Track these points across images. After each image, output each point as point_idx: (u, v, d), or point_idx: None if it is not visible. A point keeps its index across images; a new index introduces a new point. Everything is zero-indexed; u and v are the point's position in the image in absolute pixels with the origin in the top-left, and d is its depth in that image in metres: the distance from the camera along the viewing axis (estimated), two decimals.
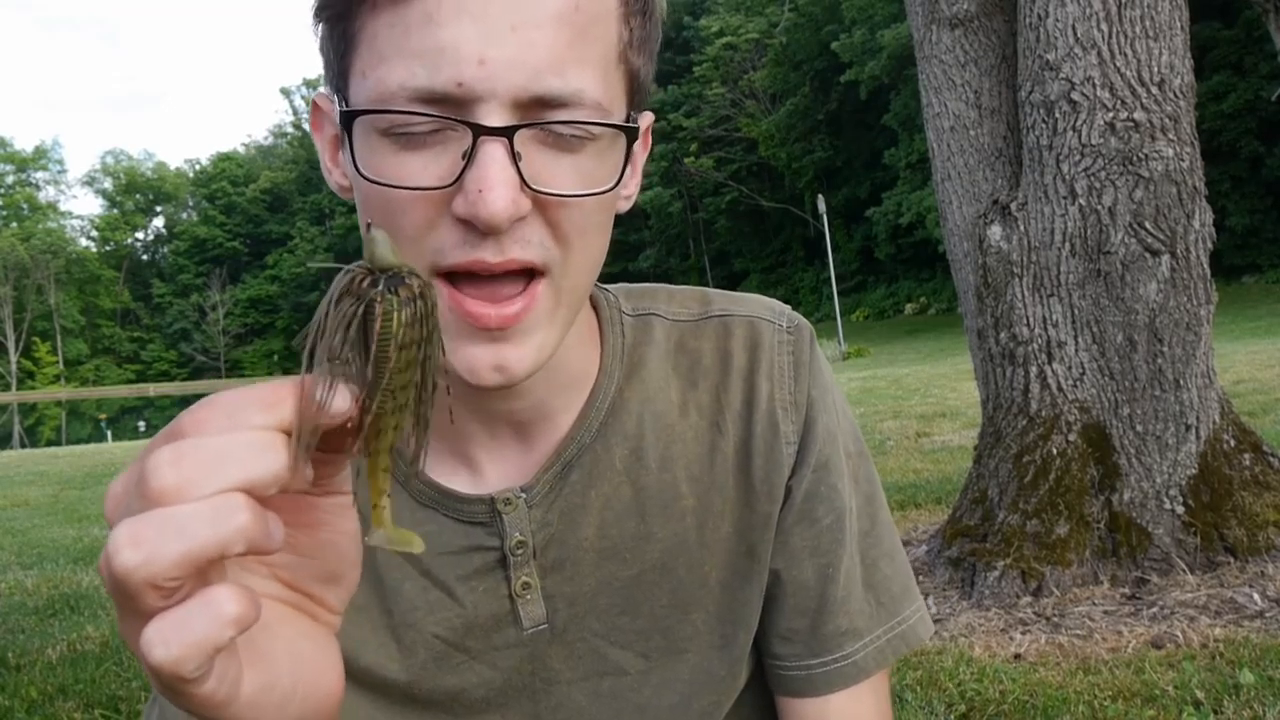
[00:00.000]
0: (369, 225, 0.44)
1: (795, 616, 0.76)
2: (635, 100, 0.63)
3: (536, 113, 0.56)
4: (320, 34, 0.61)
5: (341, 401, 0.40)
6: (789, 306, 0.81)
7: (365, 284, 0.41)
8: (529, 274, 0.59)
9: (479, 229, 0.56)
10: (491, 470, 0.72)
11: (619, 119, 0.60)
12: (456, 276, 0.59)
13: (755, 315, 0.78)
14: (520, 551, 0.71)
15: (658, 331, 0.77)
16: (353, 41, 0.58)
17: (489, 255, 0.57)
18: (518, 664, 0.72)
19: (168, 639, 0.37)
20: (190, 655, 0.37)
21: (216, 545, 0.37)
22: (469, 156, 0.55)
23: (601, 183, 0.60)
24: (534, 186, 0.56)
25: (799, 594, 0.76)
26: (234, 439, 0.39)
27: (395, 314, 0.41)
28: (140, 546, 0.37)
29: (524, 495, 0.71)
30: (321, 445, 0.42)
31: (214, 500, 0.38)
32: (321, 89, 0.66)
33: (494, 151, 0.55)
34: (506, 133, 0.55)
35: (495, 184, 0.54)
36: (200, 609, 0.38)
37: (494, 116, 0.55)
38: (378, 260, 0.41)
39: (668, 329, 0.77)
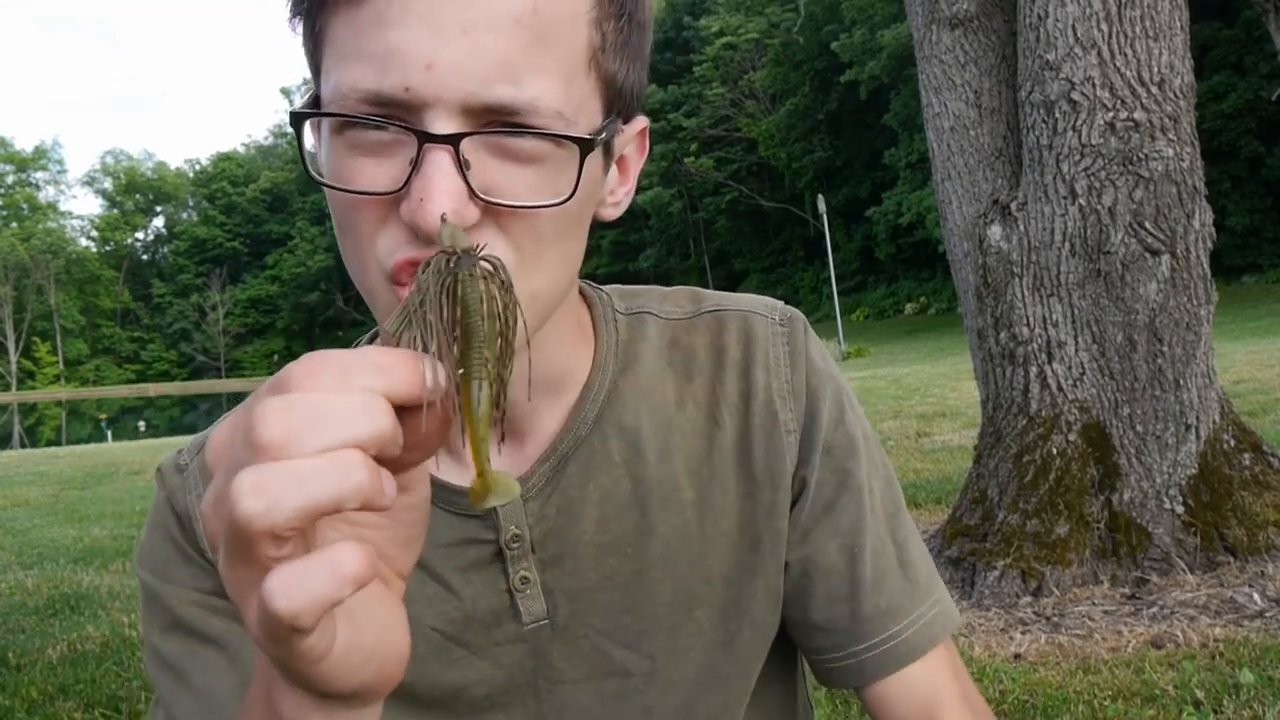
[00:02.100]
0: (443, 217, 0.48)
1: (830, 605, 0.76)
2: (617, 106, 0.62)
3: (496, 119, 0.55)
4: (299, 31, 0.61)
5: (442, 375, 0.42)
6: (781, 301, 0.81)
7: (449, 264, 0.44)
8: None
9: (428, 237, 0.56)
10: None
11: (587, 128, 0.59)
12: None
13: (748, 310, 0.78)
14: (516, 545, 0.71)
15: (651, 329, 0.78)
16: (320, 40, 0.58)
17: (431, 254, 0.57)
18: (519, 660, 0.72)
19: (290, 590, 0.38)
20: (309, 609, 0.38)
21: (335, 499, 0.38)
22: (415, 163, 0.54)
23: (559, 193, 0.58)
24: (483, 196, 0.55)
25: (829, 580, 0.76)
26: (345, 399, 0.40)
27: (481, 282, 0.44)
28: (262, 495, 0.38)
29: (519, 488, 0.70)
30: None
31: (333, 455, 0.39)
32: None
33: (439, 160, 0.54)
34: (451, 140, 0.54)
35: (436, 194, 0.53)
36: (323, 564, 0.39)
37: (442, 122, 0.54)
38: (457, 243, 0.45)
39: (661, 326, 0.78)
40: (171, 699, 0.72)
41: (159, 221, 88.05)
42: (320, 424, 0.39)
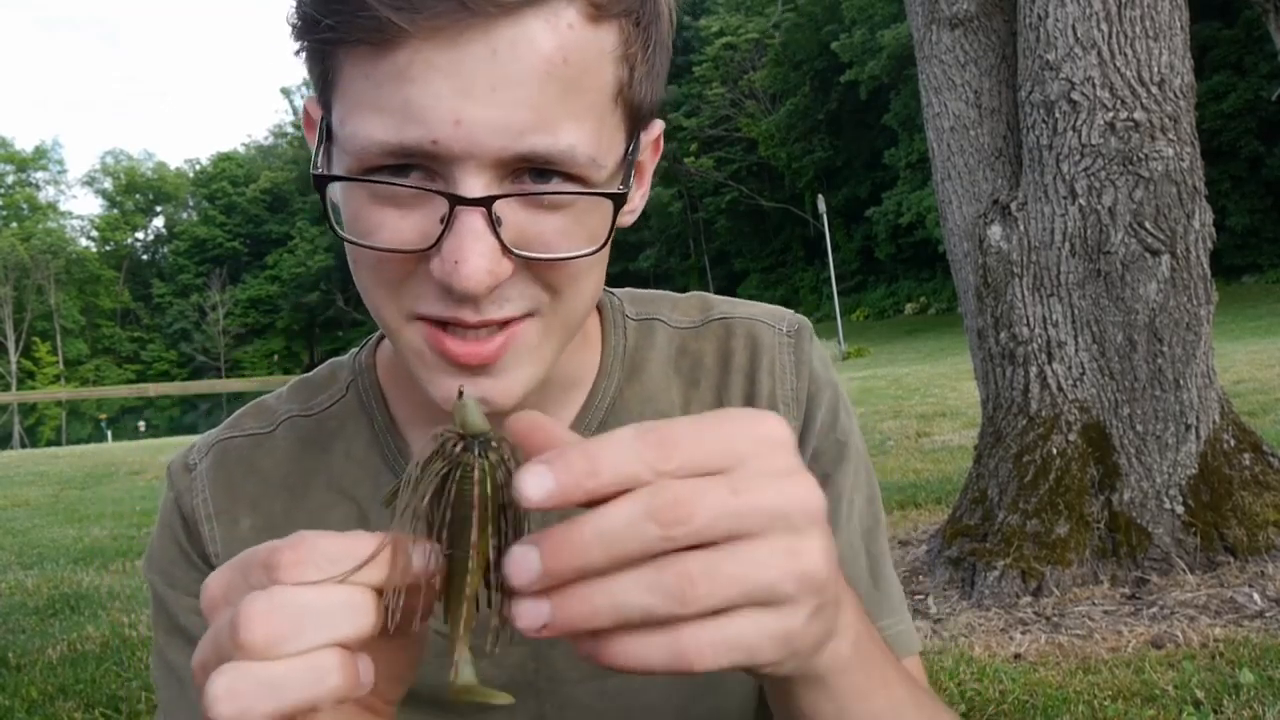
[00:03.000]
0: (460, 390, 0.45)
1: None
2: (640, 127, 0.62)
3: (521, 172, 0.54)
4: (307, 52, 0.59)
5: (429, 562, 0.42)
6: (790, 310, 0.81)
7: (456, 448, 0.42)
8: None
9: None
10: None
11: (613, 165, 0.58)
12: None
13: (756, 318, 0.79)
14: None
15: (660, 336, 0.78)
16: (331, 81, 0.56)
17: (467, 315, 0.56)
18: (521, 661, 0.72)
19: None
20: None
21: (309, 703, 0.40)
22: (446, 223, 0.53)
23: (589, 240, 0.57)
24: (516, 251, 0.55)
25: None
26: (328, 596, 0.41)
27: (487, 478, 0.42)
28: (236, 700, 0.39)
29: None
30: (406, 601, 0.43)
31: (309, 658, 0.40)
32: (311, 95, 0.64)
33: (471, 222, 0.53)
34: (484, 203, 0.53)
35: (470, 256, 0.53)
36: None
37: (471, 178, 0.53)
38: (468, 426, 0.43)
39: (670, 334, 0.78)
40: (172, 707, 0.74)
41: (159, 221, 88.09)
42: (302, 625, 0.40)
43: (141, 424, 34.06)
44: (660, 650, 0.39)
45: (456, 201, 0.53)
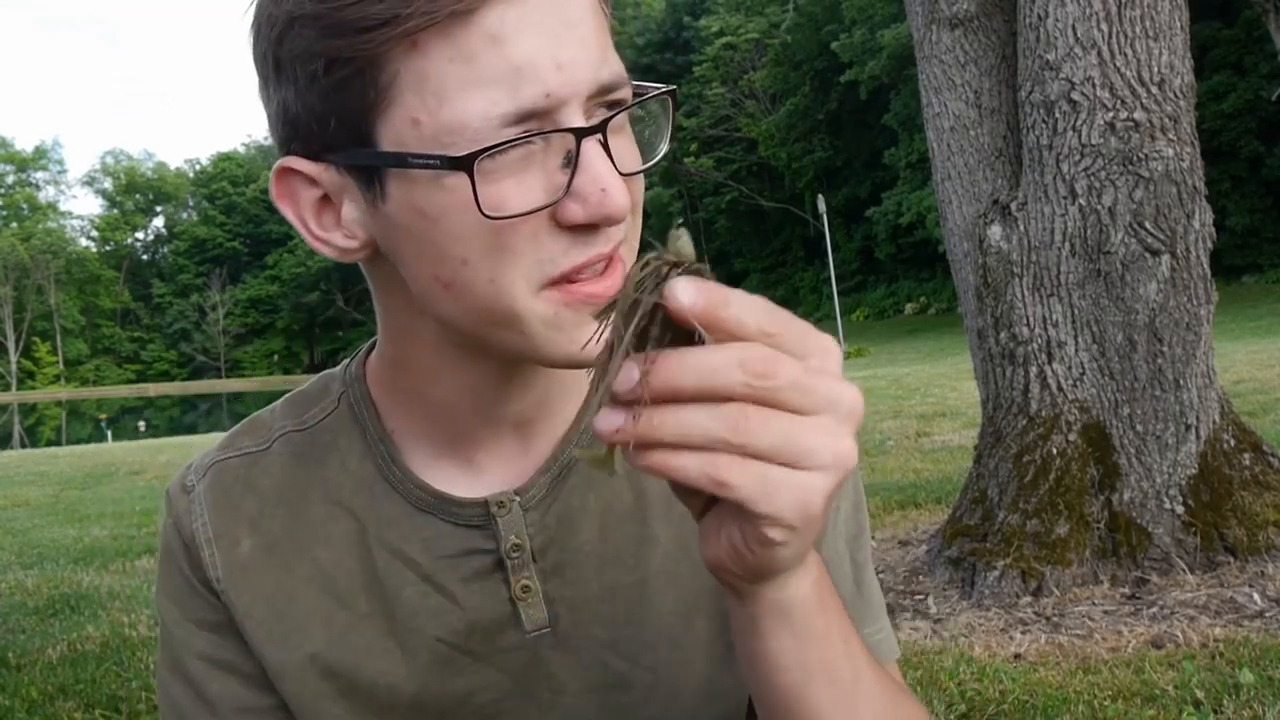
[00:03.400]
0: (679, 224, 0.50)
1: None
2: None
3: (600, 99, 0.58)
4: (316, 91, 0.57)
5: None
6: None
7: (668, 271, 0.47)
8: None
9: (588, 229, 0.58)
10: (490, 472, 0.72)
11: None
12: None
13: None
14: (517, 554, 0.71)
15: None
16: (386, 89, 0.55)
17: (602, 248, 0.59)
18: (523, 669, 0.72)
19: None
20: None
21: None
22: (575, 162, 0.56)
23: (653, 149, 0.64)
24: (624, 171, 0.59)
25: None
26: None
27: (659, 281, 0.47)
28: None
29: (518, 499, 0.70)
30: None
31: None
32: (290, 158, 0.61)
33: (597, 150, 0.57)
34: (600, 130, 0.57)
35: (612, 179, 0.57)
36: None
37: (576, 114, 0.56)
38: (681, 253, 0.48)
39: None
40: None
41: (159, 221, 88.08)
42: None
43: (141, 424, 34.05)
44: (698, 465, 0.45)
45: (581, 134, 0.56)
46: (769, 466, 0.46)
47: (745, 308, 0.46)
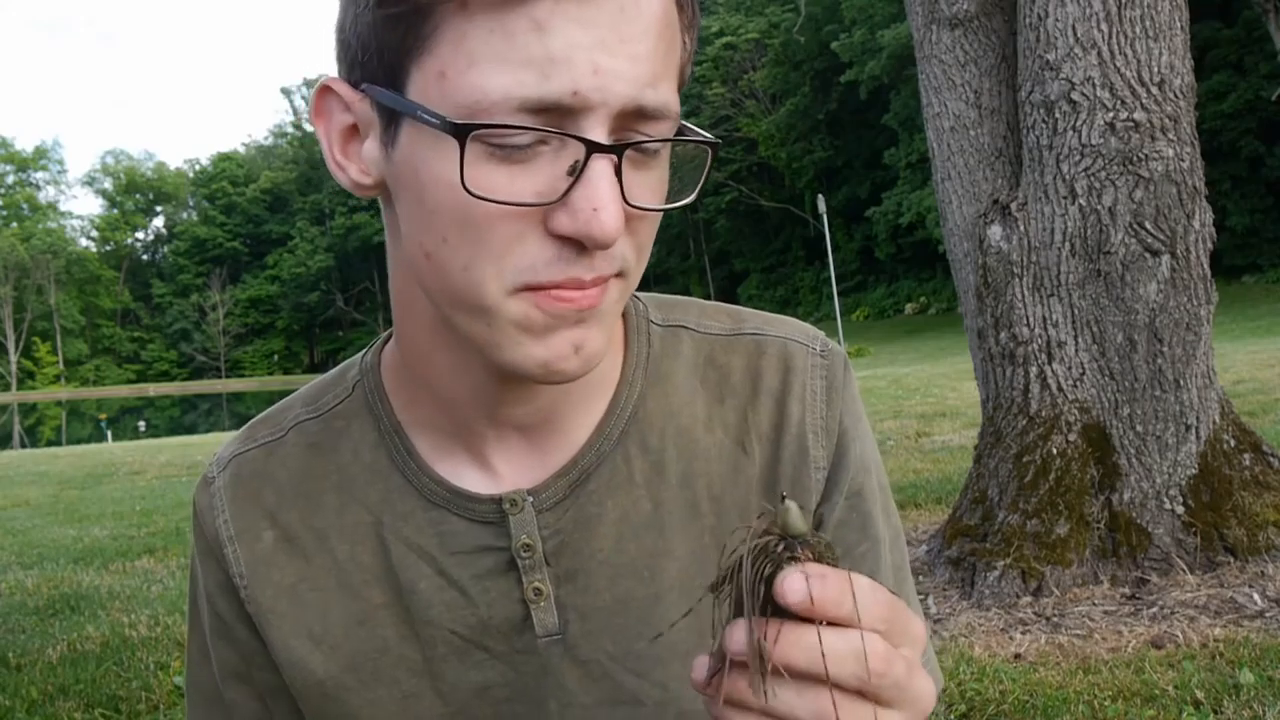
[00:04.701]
0: (784, 496, 0.47)
1: None
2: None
3: (633, 124, 0.56)
4: (367, 21, 0.57)
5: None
6: (823, 333, 0.79)
7: (780, 548, 0.45)
8: None
9: (576, 247, 0.56)
10: (504, 472, 0.72)
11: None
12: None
13: (789, 337, 0.77)
14: (528, 555, 0.70)
15: (686, 344, 0.76)
16: (426, 39, 0.55)
17: (583, 273, 0.57)
18: (534, 675, 0.72)
19: None
20: None
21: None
22: (579, 173, 0.54)
23: (665, 192, 0.61)
24: (631, 203, 0.56)
25: None
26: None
27: (768, 562, 0.45)
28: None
29: (531, 499, 0.70)
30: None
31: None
32: (331, 75, 0.62)
33: (605, 169, 0.54)
34: (618, 151, 0.55)
35: (609, 203, 0.54)
36: None
37: (599, 128, 0.54)
38: (790, 528, 0.46)
39: (697, 342, 0.76)
40: None
41: (159, 221, 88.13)
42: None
43: (141, 424, 34.05)
44: None
45: (594, 149, 0.54)
46: None
47: (863, 601, 0.45)
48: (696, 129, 0.62)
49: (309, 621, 0.72)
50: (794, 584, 0.43)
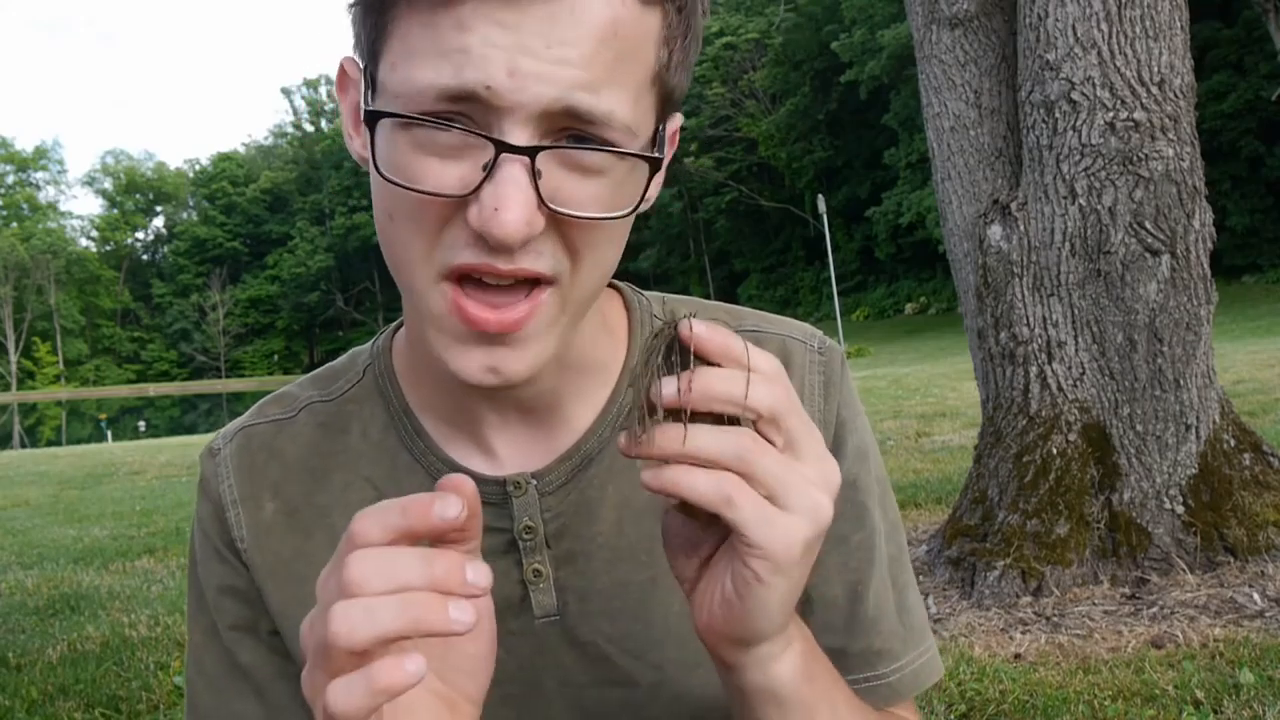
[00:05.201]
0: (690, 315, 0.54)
1: (823, 634, 0.75)
2: (667, 114, 0.63)
3: (564, 126, 0.56)
4: (353, 12, 0.61)
5: (453, 507, 0.51)
6: (820, 330, 0.81)
7: (664, 330, 0.52)
8: (534, 281, 0.60)
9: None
10: (506, 454, 0.73)
11: (645, 140, 0.60)
12: (464, 279, 0.59)
13: (787, 334, 0.79)
14: (529, 537, 0.71)
15: None
16: (385, 31, 0.58)
17: (500, 263, 0.57)
18: (531, 654, 0.73)
19: (339, 695, 0.49)
20: (354, 712, 0.49)
21: (400, 631, 0.49)
22: (489, 170, 0.55)
23: (621, 205, 0.60)
24: (551, 205, 0.56)
25: (827, 611, 0.76)
26: (396, 550, 0.51)
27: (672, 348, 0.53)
28: (344, 622, 0.49)
29: (535, 482, 0.72)
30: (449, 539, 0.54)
31: (403, 596, 0.49)
32: (349, 55, 0.65)
33: (513, 171, 0.55)
34: (529, 153, 0.55)
35: (511, 204, 0.54)
36: (363, 676, 0.49)
37: (519, 129, 0.55)
38: (673, 314, 0.54)
39: None
40: (205, 711, 0.77)
41: (159, 221, 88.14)
42: (385, 571, 0.50)
43: (141, 424, 34.06)
44: (710, 482, 0.51)
45: (503, 148, 0.54)
46: (763, 501, 0.52)
47: (756, 353, 0.53)
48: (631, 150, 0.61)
49: (305, 596, 0.72)
50: (693, 323, 0.51)
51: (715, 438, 0.51)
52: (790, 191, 48.54)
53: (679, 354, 0.51)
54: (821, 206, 27.75)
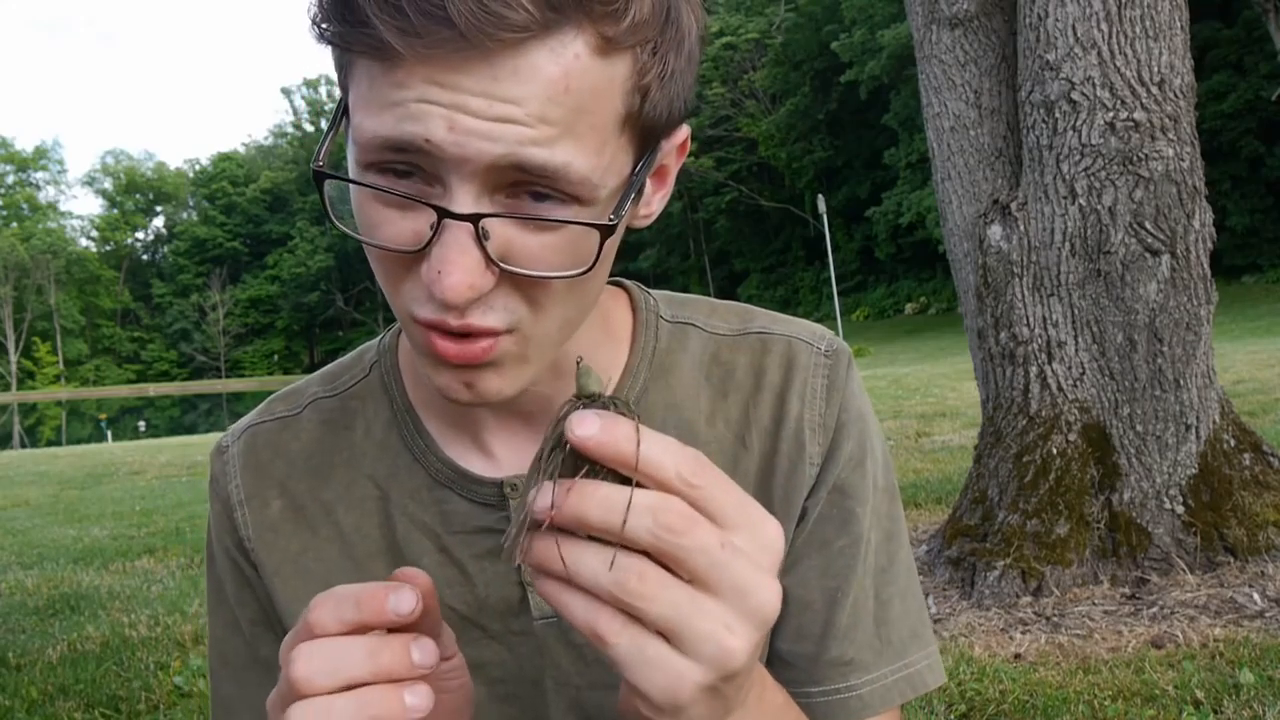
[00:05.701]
0: (579, 360, 0.50)
1: (797, 640, 0.75)
2: (652, 144, 0.61)
3: (513, 182, 0.54)
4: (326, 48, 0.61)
5: (407, 602, 0.51)
6: (831, 332, 0.79)
7: (567, 410, 0.47)
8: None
9: None
10: (504, 456, 0.73)
11: (617, 182, 0.57)
12: None
13: (794, 335, 0.77)
14: None
15: (694, 341, 0.77)
16: (347, 74, 0.57)
17: (451, 319, 0.57)
18: (531, 655, 0.73)
19: None
20: None
21: None
22: (435, 231, 0.54)
23: (577, 261, 0.57)
24: (500, 265, 0.55)
25: (803, 615, 0.75)
26: (344, 642, 0.51)
27: (565, 419, 0.47)
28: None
29: None
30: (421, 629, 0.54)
31: (355, 694, 0.50)
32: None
33: (458, 235, 0.54)
34: (471, 219, 0.53)
35: (453, 269, 0.53)
36: None
37: (466, 184, 0.53)
38: (585, 389, 0.48)
39: (704, 340, 0.77)
40: (230, 704, 0.78)
41: (159, 221, 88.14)
42: (330, 668, 0.50)
43: (141, 424, 34.07)
44: (583, 610, 0.45)
45: (444, 215, 0.53)
46: (649, 638, 0.45)
47: (660, 449, 0.45)
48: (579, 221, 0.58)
49: (311, 592, 0.73)
50: (583, 418, 0.44)
51: (595, 563, 0.44)
52: (790, 191, 48.55)
53: (570, 452, 0.45)
54: (821, 206, 27.77)
